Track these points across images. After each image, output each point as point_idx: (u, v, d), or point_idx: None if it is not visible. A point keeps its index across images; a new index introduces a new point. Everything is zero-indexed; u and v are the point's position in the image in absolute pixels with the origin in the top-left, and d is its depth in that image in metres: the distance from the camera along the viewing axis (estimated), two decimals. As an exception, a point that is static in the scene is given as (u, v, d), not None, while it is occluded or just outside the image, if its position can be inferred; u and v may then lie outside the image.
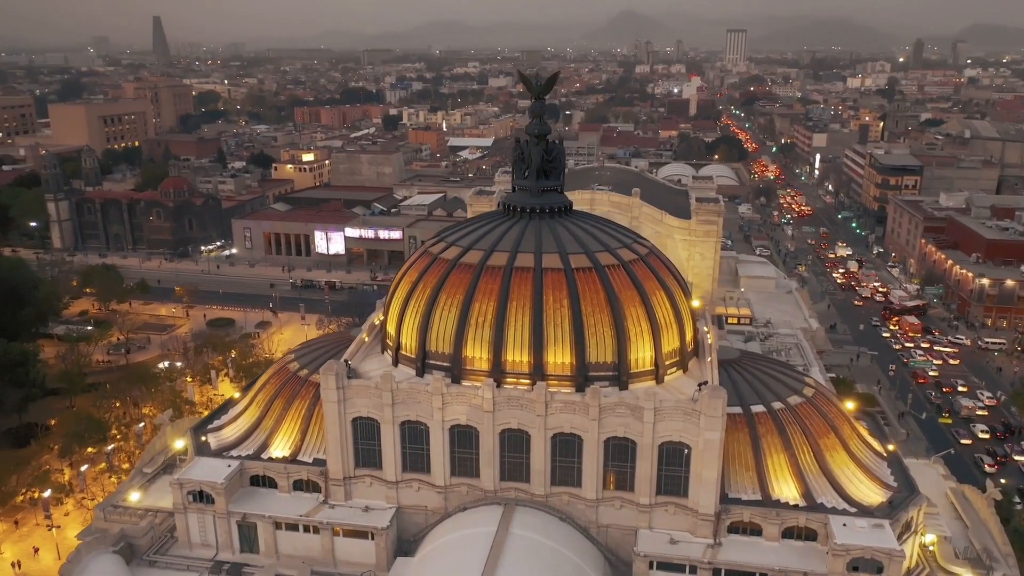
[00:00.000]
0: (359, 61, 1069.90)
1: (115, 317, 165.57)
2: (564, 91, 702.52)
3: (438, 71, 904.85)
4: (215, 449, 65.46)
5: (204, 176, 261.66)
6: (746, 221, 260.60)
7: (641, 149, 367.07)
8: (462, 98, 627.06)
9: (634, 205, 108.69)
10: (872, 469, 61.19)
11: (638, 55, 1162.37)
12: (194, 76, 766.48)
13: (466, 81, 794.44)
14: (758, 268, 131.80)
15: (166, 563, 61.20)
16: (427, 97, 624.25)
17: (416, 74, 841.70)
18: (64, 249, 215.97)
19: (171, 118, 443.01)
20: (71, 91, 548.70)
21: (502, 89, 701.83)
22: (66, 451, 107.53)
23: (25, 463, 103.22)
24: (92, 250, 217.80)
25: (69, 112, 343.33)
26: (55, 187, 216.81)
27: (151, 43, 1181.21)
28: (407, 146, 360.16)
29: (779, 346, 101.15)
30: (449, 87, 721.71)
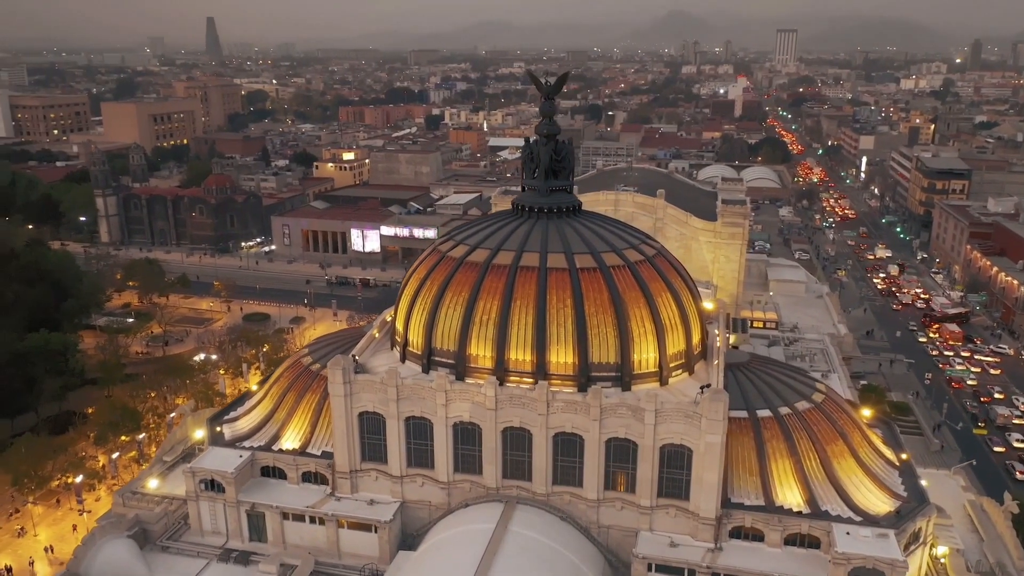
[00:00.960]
0: (406, 61, 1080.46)
1: (156, 310, 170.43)
2: (608, 92, 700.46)
3: (483, 71, 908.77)
4: (229, 439, 67.13)
5: (247, 174, 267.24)
6: (786, 224, 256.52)
7: (682, 150, 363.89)
8: (505, 98, 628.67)
9: (659, 206, 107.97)
10: (881, 478, 60.02)
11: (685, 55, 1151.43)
12: (244, 76, 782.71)
13: (510, 81, 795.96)
14: (788, 272, 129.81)
15: (178, 549, 62.98)
16: (471, 97, 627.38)
17: (461, 74, 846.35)
18: (111, 243, 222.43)
19: (220, 117, 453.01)
20: (126, 90, 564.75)
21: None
22: (101, 439, 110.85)
23: (62, 450, 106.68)
24: (138, 245, 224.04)
25: (121, 110, 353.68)
26: (103, 183, 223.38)
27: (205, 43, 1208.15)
28: (447, 146, 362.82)
29: (804, 351, 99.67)
30: (493, 87, 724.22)
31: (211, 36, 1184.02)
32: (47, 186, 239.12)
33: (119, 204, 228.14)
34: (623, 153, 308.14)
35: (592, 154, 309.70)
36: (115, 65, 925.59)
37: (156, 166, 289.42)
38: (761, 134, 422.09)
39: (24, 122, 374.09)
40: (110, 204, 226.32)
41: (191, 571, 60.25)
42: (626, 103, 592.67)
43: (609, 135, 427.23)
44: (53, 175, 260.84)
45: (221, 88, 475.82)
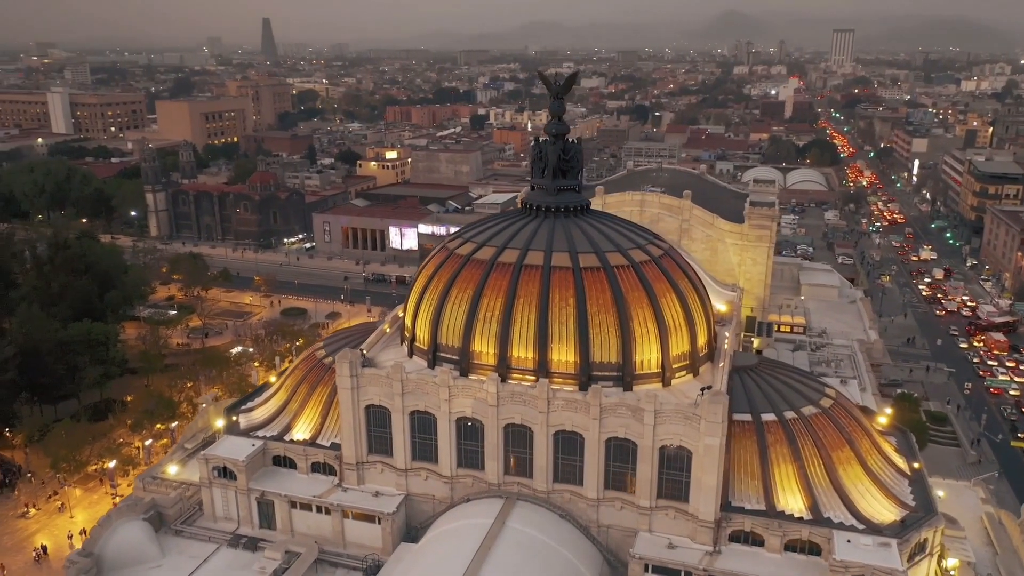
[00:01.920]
0: (456, 61, 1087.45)
1: (197, 303, 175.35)
2: (657, 92, 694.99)
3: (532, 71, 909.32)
4: (243, 429, 69.02)
5: (292, 171, 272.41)
6: (831, 228, 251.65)
7: (728, 152, 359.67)
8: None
9: (685, 208, 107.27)
10: (889, 486, 58.89)
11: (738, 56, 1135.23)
12: (297, 75, 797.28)
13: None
14: (821, 276, 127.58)
15: (191, 533, 65.04)
16: (518, 97, 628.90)
17: (509, 74, 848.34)
18: (159, 237, 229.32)
19: (270, 115, 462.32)
20: (182, 89, 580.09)
21: (593, 90, 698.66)
22: (138, 426, 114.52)
23: (101, 436, 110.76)
24: (185, 239, 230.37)
25: (174, 109, 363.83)
26: (153, 179, 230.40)
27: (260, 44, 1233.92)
28: (490, 145, 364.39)
29: (830, 357, 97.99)
30: (540, 87, 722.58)
31: (267, 36, 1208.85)
32: (101, 181, 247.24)
33: (168, 200, 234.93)
34: (665, 154, 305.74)
35: (634, 155, 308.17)
36: (173, 65, 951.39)
37: (205, 163, 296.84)
38: (811, 136, 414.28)
39: (83, 120, 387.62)
40: (159, 199, 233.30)
41: (202, 555, 62.19)
42: (674, 104, 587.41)
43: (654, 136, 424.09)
44: (107, 171, 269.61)
45: (272, 87, 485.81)
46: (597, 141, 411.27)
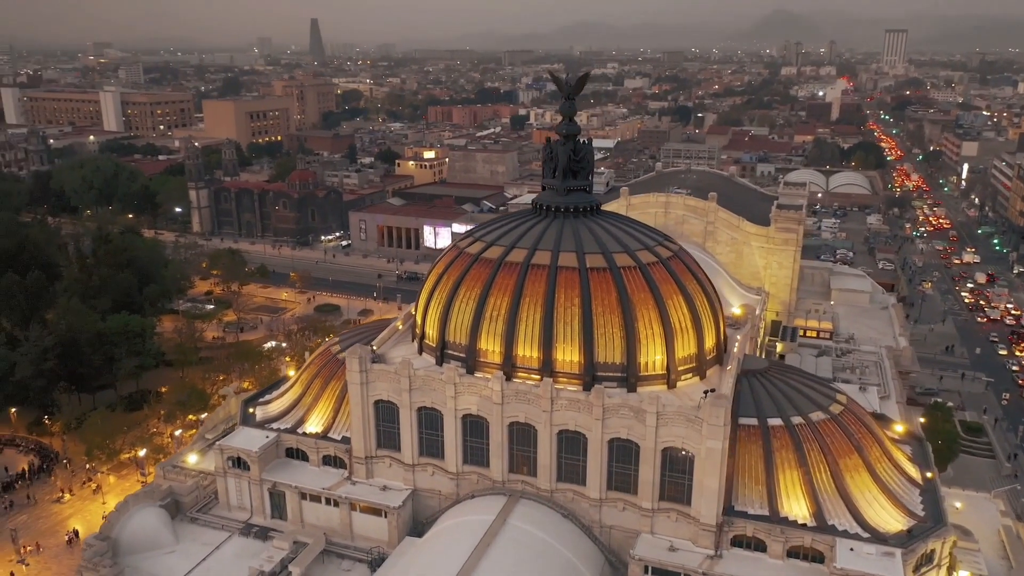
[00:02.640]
0: (500, 62, 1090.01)
1: (234, 298, 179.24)
2: (701, 93, 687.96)
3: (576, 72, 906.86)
4: (259, 421, 70.63)
5: (332, 170, 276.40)
6: (873, 232, 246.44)
7: (770, 154, 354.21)
8: (595, 99, 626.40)
9: (710, 210, 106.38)
10: (898, 495, 57.85)
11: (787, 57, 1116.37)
12: (343, 75, 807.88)
13: (602, 82, 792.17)
14: (853, 281, 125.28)
15: (205, 521, 66.84)
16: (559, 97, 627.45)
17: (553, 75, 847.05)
18: (201, 233, 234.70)
19: (315, 115, 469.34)
20: (230, 88, 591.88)
21: (637, 90, 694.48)
22: (170, 417, 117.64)
23: (136, 425, 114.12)
24: (226, 235, 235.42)
25: (220, 108, 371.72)
26: (196, 176, 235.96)
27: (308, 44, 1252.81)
28: (529, 146, 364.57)
29: (855, 363, 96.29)
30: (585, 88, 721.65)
31: (315, 37, 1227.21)
32: (147, 178, 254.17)
33: (210, 196, 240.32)
34: (705, 156, 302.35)
35: (673, 156, 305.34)
36: (223, 64, 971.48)
37: (249, 161, 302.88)
38: (857, 138, 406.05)
39: (133, 118, 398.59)
40: (202, 196, 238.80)
41: (215, 542, 63.93)
42: (718, 105, 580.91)
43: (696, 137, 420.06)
44: (154, 168, 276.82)
45: (316, 87, 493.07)
46: (637, 142, 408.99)
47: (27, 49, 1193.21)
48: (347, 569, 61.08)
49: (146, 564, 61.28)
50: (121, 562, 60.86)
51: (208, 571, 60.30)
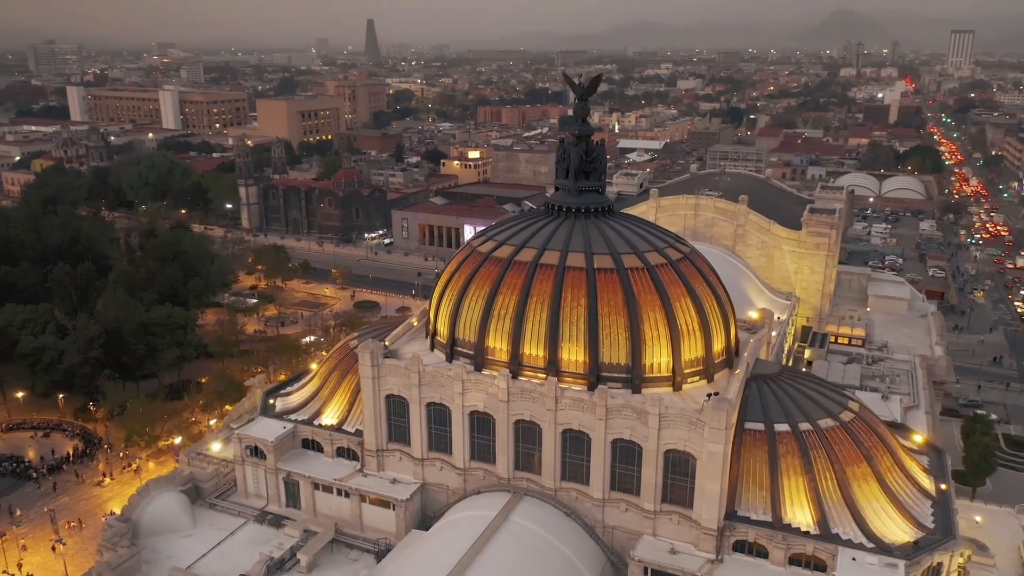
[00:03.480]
0: (552, 62, 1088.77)
1: (277, 293, 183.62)
2: (756, 94, 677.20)
3: (628, 73, 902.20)
4: (278, 411, 72.61)
5: (378, 169, 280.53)
6: (925, 238, 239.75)
7: (821, 157, 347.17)
8: (646, 100, 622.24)
9: (740, 212, 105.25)
10: (907, 506, 56.66)
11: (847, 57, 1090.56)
12: (397, 75, 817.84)
13: (654, 83, 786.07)
14: (891, 288, 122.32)
15: (223, 507, 69.00)
16: (611, 98, 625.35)
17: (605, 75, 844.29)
18: (250, 230, 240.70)
19: (366, 114, 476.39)
20: (286, 88, 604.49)
21: (689, 91, 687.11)
22: (208, 407, 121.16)
23: (176, 414, 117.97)
24: (274, 232, 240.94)
25: (273, 107, 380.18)
26: (246, 174, 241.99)
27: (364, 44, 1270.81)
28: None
29: (885, 371, 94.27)
30: (635, 89, 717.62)
31: (370, 37, 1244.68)
32: (200, 175, 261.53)
33: (259, 194, 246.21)
34: (753, 158, 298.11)
35: (720, 158, 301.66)
36: (281, 64, 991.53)
37: (299, 159, 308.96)
38: (915, 142, 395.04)
39: (190, 116, 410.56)
40: (251, 193, 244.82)
41: (230, 528, 65.98)
42: (772, 107, 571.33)
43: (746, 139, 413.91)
44: (207, 165, 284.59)
45: (368, 87, 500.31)
46: (687, 144, 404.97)
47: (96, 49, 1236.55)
48: (354, 559, 62.41)
49: (164, 546, 63.56)
50: (140, 543, 63.25)
51: (222, 555, 62.29)
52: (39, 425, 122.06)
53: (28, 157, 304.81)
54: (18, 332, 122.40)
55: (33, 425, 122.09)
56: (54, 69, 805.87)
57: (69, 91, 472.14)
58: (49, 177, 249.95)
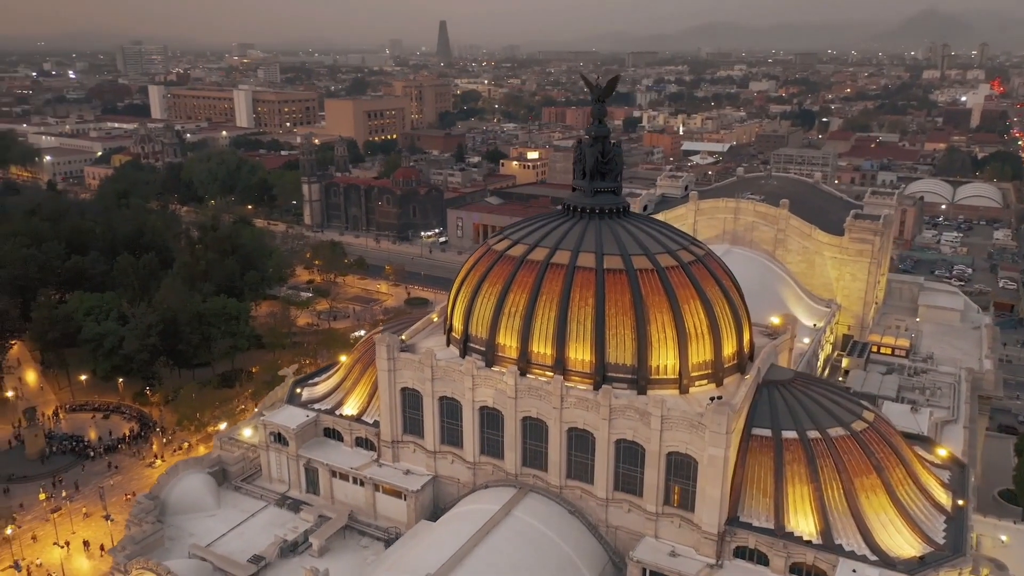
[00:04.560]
0: (623, 63, 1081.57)
1: (332, 287, 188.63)
2: (831, 96, 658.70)
3: (700, 74, 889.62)
4: (304, 401, 75.19)
5: (438, 168, 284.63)
6: (998, 248, 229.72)
7: (894, 162, 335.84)
8: (716, 102, 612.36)
9: (781, 217, 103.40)
10: (917, 520, 55.15)
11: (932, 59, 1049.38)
12: (466, 76, 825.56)
13: (726, 84, 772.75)
14: (943, 298, 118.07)
15: (247, 490, 71.86)
16: (679, 100, 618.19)
17: (675, 77, 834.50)
18: (312, 226, 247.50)
19: (432, 114, 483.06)
20: (357, 88, 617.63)
21: (761, 93, 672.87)
22: (257, 395, 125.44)
23: (227, 402, 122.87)
24: (334, 228, 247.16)
25: (340, 107, 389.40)
26: (309, 171, 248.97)
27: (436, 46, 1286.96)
28: (638, 148, 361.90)
29: (926, 384, 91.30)
30: (706, 90, 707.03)
31: (442, 39, 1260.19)
32: (266, 172, 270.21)
33: (321, 191, 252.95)
34: (819, 162, 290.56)
35: (785, 162, 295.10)
36: (355, 65, 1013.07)
37: (362, 158, 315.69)
38: (996, 147, 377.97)
39: (263, 115, 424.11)
40: (314, 191, 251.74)
41: (251, 510, 68.73)
42: (847, 109, 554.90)
43: (816, 142, 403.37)
44: (274, 163, 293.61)
45: (435, 87, 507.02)
46: (753, 147, 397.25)
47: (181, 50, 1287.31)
48: (364, 546, 64.26)
49: (188, 524, 66.70)
50: (166, 520, 66.55)
51: (240, 535, 64.98)
52: (100, 407, 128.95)
53: (109, 152, 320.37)
54: (84, 318, 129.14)
55: (94, 407, 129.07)
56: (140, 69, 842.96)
57: (151, 90, 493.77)
58: (125, 172, 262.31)
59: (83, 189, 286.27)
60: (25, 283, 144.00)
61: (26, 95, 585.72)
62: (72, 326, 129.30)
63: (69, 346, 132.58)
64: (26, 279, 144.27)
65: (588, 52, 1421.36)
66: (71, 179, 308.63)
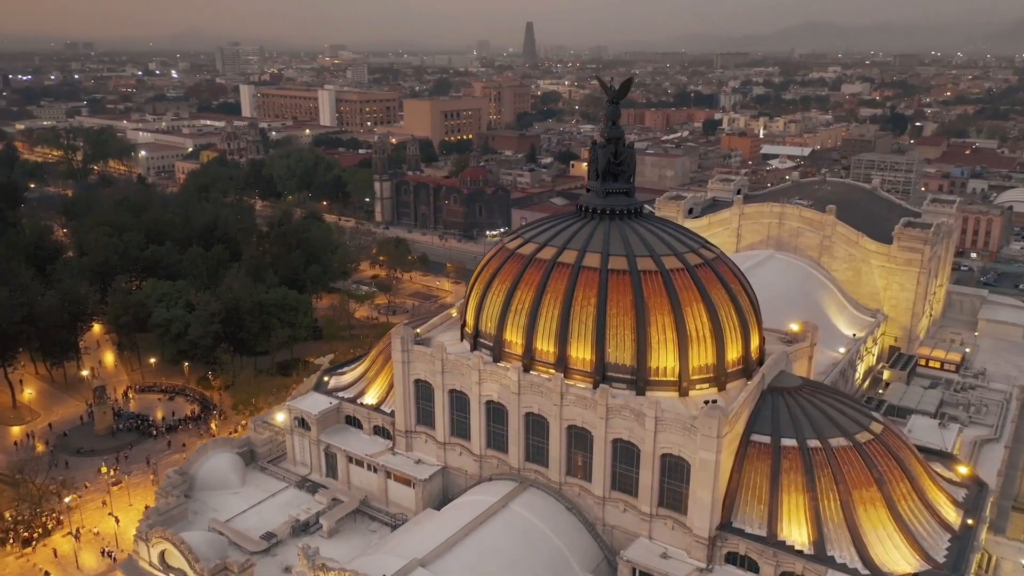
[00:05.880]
0: (711, 64, 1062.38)
1: (394, 283, 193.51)
2: (929, 100, 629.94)
3: (790, 76, 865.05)
4: (329, 388, 78.30)
5: (508, 169, 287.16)
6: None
7: (988, 169, 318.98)
8: (804, 104, 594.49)
9: (827, 223, 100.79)
10: (918, 537, 53.48)
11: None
12: (549, 77, 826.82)
13: (817, 86, 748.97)
14: (1006, 312, 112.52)
15: (272, 471, 75.47)
16: (765, 102, 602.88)
17: (764, 78, 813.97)
18: (381, 222, 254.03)
19: (510, 115, 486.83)
20: (441, 89, 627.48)
21: (853, 96, 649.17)
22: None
23: (282, 389, 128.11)
24: (403, 225, 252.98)
25: (418, 107, 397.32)
26: (380, 169, 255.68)
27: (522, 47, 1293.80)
28: (716, 151, 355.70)
29: (972, 400, 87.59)
30: (794, 92, 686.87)
31: (528, 40, 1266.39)
32: (341, 169, 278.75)
33: (392, 189, 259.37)
34: (903, 168, 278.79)
35: (865, 167, 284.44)
36: (441, 66, 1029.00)
37: (435, 157, 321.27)
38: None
39: (345, 114, 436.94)
40: (385, 188, 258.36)
41: (273, 490, 72.27)
42: (944, 114, 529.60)
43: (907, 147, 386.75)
44: (350, 160, 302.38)
45: (514, 88, 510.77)
46: (838, 151, 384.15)
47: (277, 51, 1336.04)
48: (373, 530, 66.66)
49: (213, 500, 70.63)
50: (193, 495, 70.67)
51: (258, 513, 68.43)
52: (166, 389, 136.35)
53: (198, 149, 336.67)
54: (155, 305, 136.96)
55: (161, 388, 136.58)
56: (237, 69, 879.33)
57: (242, 89, 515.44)
58: (210, 167, 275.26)
59: (172, 183, 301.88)
60: (106, 270, 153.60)
61: (130, 93, 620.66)
62: (143, 311, 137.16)
63: (141, 330, 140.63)
64: (106, 266, 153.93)
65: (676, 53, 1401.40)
66: (163, 173, 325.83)
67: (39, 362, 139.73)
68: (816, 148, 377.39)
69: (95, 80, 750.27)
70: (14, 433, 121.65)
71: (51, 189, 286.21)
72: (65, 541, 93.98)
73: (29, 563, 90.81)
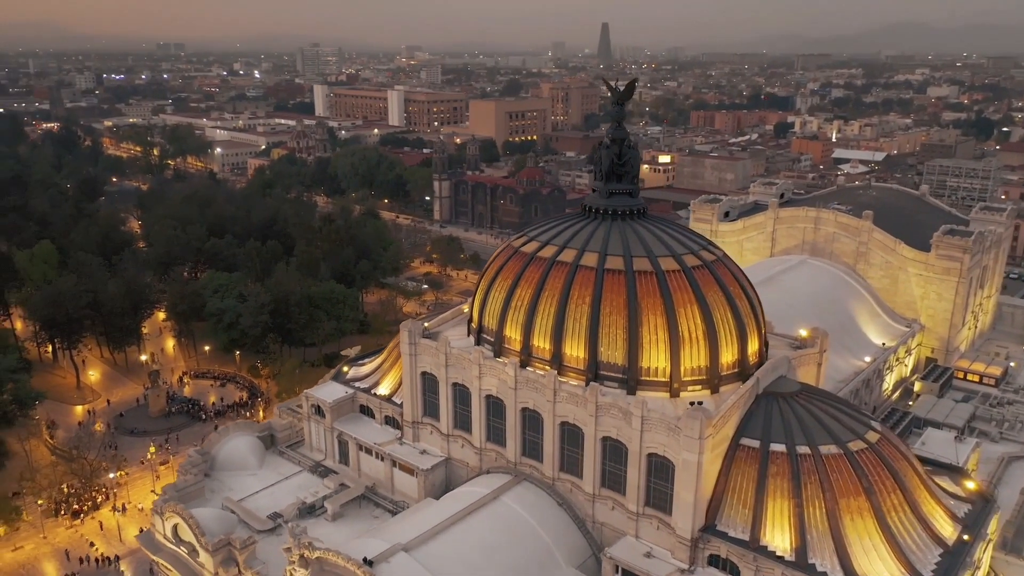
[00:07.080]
0: (791, 66, 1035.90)
1: (445, 281, 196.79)
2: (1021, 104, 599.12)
3: (874, 78, 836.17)
4: (348, 378, 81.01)
5: (567, 169, 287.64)
6: None
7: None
8: (884, 108, 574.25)
9: (863, 229, 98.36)
10: (906, 549, 52.24)
11: None
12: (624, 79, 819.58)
13: (901, 89, 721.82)
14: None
15: (289, 456, 78.63)
16: (844, 105, 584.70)
17: (845, 80, 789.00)
18: (439, 220, 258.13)
19: (577, 116, 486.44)
20: (511, 89, 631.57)
21: (939, 99, 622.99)
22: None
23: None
24: (461, 224, 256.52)
25: (483, 107, 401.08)
26: (440, 169, 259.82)
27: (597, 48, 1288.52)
28: (785, 155, 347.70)
29: (1006, 415, 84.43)
30: (876, 95, 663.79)
31: (604, 41, 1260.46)
32: (403, 168, 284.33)
33: (451, 188, 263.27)
34: (978, 175, 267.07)
35: (939, 174, 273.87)
36: (514, 67, 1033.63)
37: (497, 157, 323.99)
38: None
39: (413, 114, 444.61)
40: (444, 187, 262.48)
41: (287, 473, 75.36)
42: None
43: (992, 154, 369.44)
44: (413, 160, 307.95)
45: (581, 90, 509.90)
46: (915, 156, 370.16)
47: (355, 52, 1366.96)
48: (376, 516, 68.87)
49: (229, 480, 74.13)
50: (213, 475, 74.34)
51: (271, 494, 71.53)
52: (218, 375, 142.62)
53: (270, 146, 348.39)
54: (210, 295, 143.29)
55: (214, 375, 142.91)
56: (316, 69, 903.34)
57: (316, 89, 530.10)
58: (278, 165, 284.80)
59: (244, 179, 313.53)
60: (168, 260, 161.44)
61: (214, 92, 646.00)
62: (199, 301, 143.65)
63: (197, 319, 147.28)
64: (169, 257, 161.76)
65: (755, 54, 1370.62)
66: (236, 170, 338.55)
67: (103, 346, 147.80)
68: (892, 153, 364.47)
69: (182, 79, 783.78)
70: (77, 412, 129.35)
71: (131, 183, 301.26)
72: (112, 516, 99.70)
73: (77, 534, 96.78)
